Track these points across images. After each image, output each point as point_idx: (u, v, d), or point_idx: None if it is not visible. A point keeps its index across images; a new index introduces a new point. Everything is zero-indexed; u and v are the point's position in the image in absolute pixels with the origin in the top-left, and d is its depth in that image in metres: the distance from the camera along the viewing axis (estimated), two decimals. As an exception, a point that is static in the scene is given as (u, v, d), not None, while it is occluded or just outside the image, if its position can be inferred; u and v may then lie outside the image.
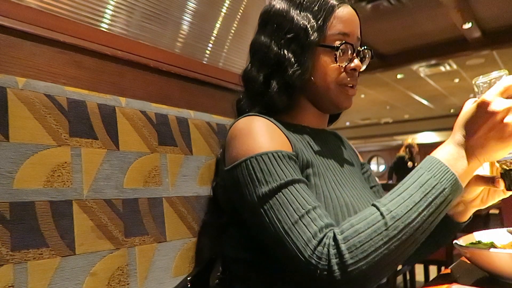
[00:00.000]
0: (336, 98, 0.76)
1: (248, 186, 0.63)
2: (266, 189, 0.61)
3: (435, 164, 0.58)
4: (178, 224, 0.82)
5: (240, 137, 0.68)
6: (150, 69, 1.05)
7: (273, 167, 0.62)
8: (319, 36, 0.72)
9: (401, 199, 0.56)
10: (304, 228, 0.57)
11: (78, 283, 0.65)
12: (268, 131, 0.68)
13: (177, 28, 1.18)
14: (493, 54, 6.19)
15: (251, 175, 0.63)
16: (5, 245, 0.58)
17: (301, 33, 0.72)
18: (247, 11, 1.44)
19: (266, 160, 0.63)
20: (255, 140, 0.66)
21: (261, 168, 0.62)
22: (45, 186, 0.63)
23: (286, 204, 0.59)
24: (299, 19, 0.73)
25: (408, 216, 0.55)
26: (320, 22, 0.72)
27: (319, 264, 0.54)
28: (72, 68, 0.87)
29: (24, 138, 0.62)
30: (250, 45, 0.81)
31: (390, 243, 0.54)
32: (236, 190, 0.66)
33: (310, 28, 0.72)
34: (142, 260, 0.74)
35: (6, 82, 0.62)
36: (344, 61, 0.74)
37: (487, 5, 4.64)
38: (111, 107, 0.76)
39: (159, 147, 0.82)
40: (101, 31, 0.96)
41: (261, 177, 0.62)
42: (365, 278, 0.54)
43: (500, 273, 0.61)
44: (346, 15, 0.74)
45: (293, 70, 0.72)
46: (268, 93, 0.74)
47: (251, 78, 0.78)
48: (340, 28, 0.73)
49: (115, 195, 0.72)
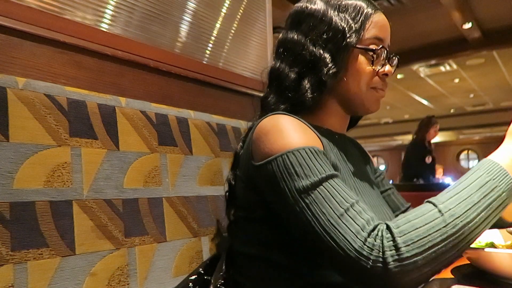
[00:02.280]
0: (367, 101, 0.78)
1: (286, 181, 0.62)
2: (308, 183, 0.60)
3: (494, 167, 0.59)
4: (178, 224, 0.82)
5: (272, 133, 0.67)
6: (150, 69, 1.05)
7: (312, 162, 0.62)
8: (356, 38, 0.74)
9: (459, 198, 0.56)
10: (351, 221, 0.56)
11: (78, 283, 0.65)
12: (300, 127, 0.68)
13: (177, 28, 1.18)
14: (493, 54, 6.18)
15: (289, 169, 0.62)
16: (5, 245, 0.58)
17: (339, 34, 0.74)
18: (247, 11, 1.44)
19: (304, 154, 0.62)
20: (289, 135, 0.65)
21: (299, 162, 0.62)
22: (45, 186, 0.63)
23: (330, 198, 0.59)
24: (338, 21, 0.74)
25: (467, 216, 0.55)
26: (358, 25, 0.74)
27: (371, 256, 0.53)
28: (72, 68, 0.87)
29: (24, 138, 0.62)
30: (278, 42, 0.81)
31: (448, 241, 0.54)
32: (270, 186, 0.65)
33: (348, 30, 0.73)
34: (142, 260, 0.74)
35: (6, 82, 0.62)
36: (379, 65, 0.76)
37: (487, 5, 4.64)
38: (111, 107, 0.76)
39: (159, 147, 0.82)
40: (101, 31, 0.96)
41: (300, 172, 0.61)
42: (420, 274, 0.54)
43: (500, 273, 0.61)
44: (382, 21, 0.77)
45: (328, 69, 0.73)
46: (299, 90, 0.75)
47: (282, 75, 0.77)
48: (376, 33, 0.76)
49: (115, 195, 0.72)
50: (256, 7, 1.49)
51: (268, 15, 1.54)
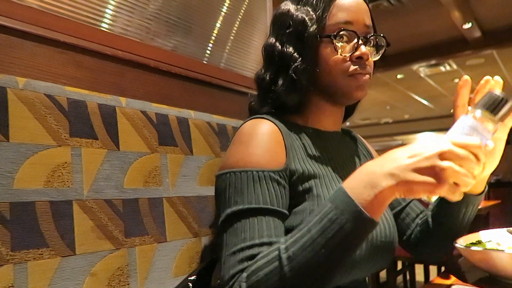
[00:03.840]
0: (346, 89, 0.72)
1: (220, 199, 0.66)
2: (231, 210, 0.62)
3: (339, 195, 0.53)
4: (178, 224, 0.82)
5: (237, 143, 0.68)
6: (150, 69, 1.05)
7: (247, 188, 0.62)
8: (318, 27, 0.70)
9: (301, 236, 0.54)
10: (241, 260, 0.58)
11: (78, 283, 0.65)
12: (265, 140, 0.67)
13: (178, 28, 1.18)
14: (493, 54, 6.18)
15: (226, 189, 0.64)
16: (5, 245, 0.58)
17: (300, 26, 0.71)
18: (248, 11, 1.44)
19: (243, 178, 0.63)
20: (245, 151, 0.66)
21: (235, 185, 0.63)
22: (45, 186, 0.63)
23: (238, 231, 0.60)
24: (298, 14, 0.73)
25: (304, 256, 0.52)
26: (319, 13, 0.70)
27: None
28: (72, 68, 0.87)
29: (24, 138, 0.62)
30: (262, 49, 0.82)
31: (286, 285, 0.52)
32: (215, 197, 0.69)
33: (308, 20, 0.71)
34: (142, 260, 0.74)
35: (6, 82, 0.62)
36: (348, 51, 0.71)
37: (487, 5, 4.64)
38: (112, 107, 0.76)
39: (160, 147, 0.82)
40: (101, 31, 0.96)
41: (231, 195, 0.63)
42: None
43: (500, 273, 0.61)
44: (348, 3, 0.71)
45: (296, 64, 0.71)
46: (276, 91, 0.74)
47: (260, 78, 0.78)
48: (342, 16, 0.70)
49: (115, 195, 0.72)
50: (257, 7, 1.49)
51: (268, 15, 1.54)
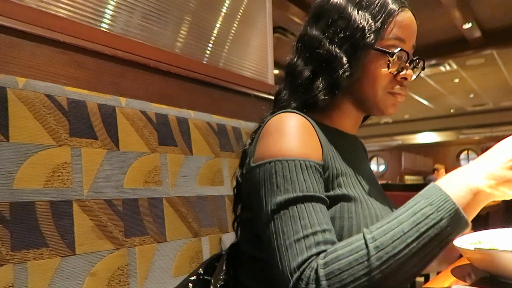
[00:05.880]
0: (382, 105, 0.73)
1: (266, 188, 0.62)
2: (283, 198, 0.59)
3: (434, 192, 0.54)
4: (178, 224, 0.82)
5: (273, 135, 0.66)
6: (150, 69, 1.05)
7: (296, 176, 0.60)
8: (375, 38, 0.69)
9: (389, 227, 0.52)
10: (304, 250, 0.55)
11: (78, 283, 0.65)
12: (303, 133, 0.66)
13: (177, 28, 1.18)
14: (493, 54, 6.18)
15: (272, 178, 0.61)
16: (5, 245, 0.58)
17: (358, 33, 0.69)
18: (247, 11, 1.44)
19: (291, 166, 0.61)
20: (287, 141, 0.64)
21: (283, 174, 0.61)
22: (45, 186, 0.63)
23: (296, 219, 0.58)
24: (357, 18, 0.70)
25: (394, 247, 0.51)
26: (378, 24, 0.69)
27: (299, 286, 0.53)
28: (72, 68, 0.87)
29: (24, 138, 0.62)
30: (298, 37, 0.78)
31: (372, 275, 0.50)
32: (255, 187, 0.65)
33: (367, 29, 0.69)
34: (142, 260, 0.74)
35: (6, 82, 0.62)
36: (396, 69, 0.71)
37: (487, 5, 4.64)
38: (111, 107, 0.76)
39: (159, 147, 0.82)
40: (101, 31, 0.96)
41: (281, 183, 0.60)
42: None
43: (501, 273, 0.61)
44: (406, 20, 0.71)
45: (343, 71, 0.69)
46: (312, 90, 0.72)
47: (296, 71, 0.75)
48: (398, 33, 0.70)
49: (115, 195, 0.72)
50: (256, 7, 1.49)
51: (268, 15, 1.54)
